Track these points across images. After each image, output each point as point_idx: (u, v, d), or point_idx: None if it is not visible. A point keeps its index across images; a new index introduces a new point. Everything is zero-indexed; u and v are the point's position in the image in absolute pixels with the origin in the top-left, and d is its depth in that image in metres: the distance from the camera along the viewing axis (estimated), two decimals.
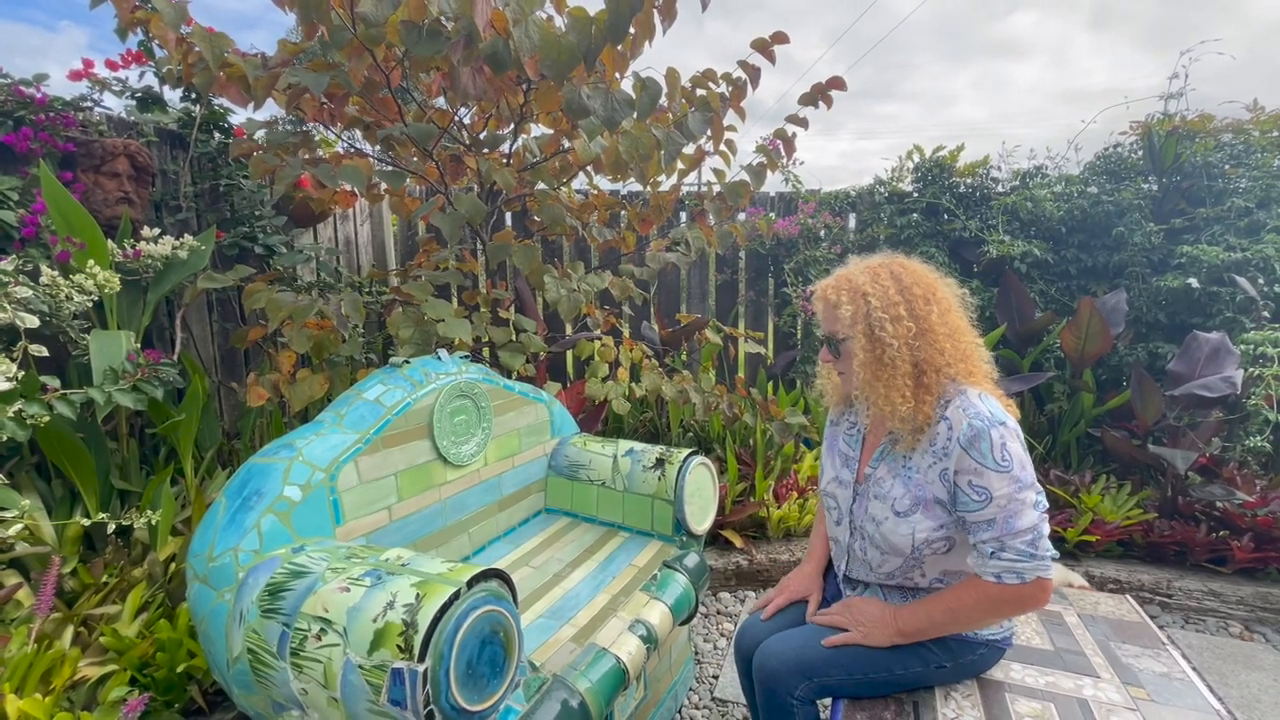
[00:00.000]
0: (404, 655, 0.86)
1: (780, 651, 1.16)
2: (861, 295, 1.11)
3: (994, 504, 1.01)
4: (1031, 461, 1.04)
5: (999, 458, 1.00)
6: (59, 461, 1.62)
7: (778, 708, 1.13)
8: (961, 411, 1.04)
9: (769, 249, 3.58)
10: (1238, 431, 2.54)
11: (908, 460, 1.11)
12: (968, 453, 1.02)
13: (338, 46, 1.53)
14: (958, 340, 1.10)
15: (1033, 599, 1.02)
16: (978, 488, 1.02)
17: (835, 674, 1.11)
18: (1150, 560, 2.39)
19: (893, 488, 1.12)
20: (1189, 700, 1.08)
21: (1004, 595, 1.02)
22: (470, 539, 1.59)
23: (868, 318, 1.10)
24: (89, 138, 1.91)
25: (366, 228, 3.35)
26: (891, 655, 1.11)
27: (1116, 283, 3.08)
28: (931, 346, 1.08)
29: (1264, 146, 3.02)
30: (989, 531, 1.02)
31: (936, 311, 1.10)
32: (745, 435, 2.98)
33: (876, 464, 1.17)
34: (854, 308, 1.12)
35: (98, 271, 1.55)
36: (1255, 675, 1.90)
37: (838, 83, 2.09)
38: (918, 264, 1.16)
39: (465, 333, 1.81)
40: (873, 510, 1.15)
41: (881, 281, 1.12)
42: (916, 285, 1.11)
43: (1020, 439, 1.04)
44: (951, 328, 1.11)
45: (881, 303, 1.10)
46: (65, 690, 1.24)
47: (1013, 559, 1.00)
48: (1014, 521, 1.00)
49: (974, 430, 1.02)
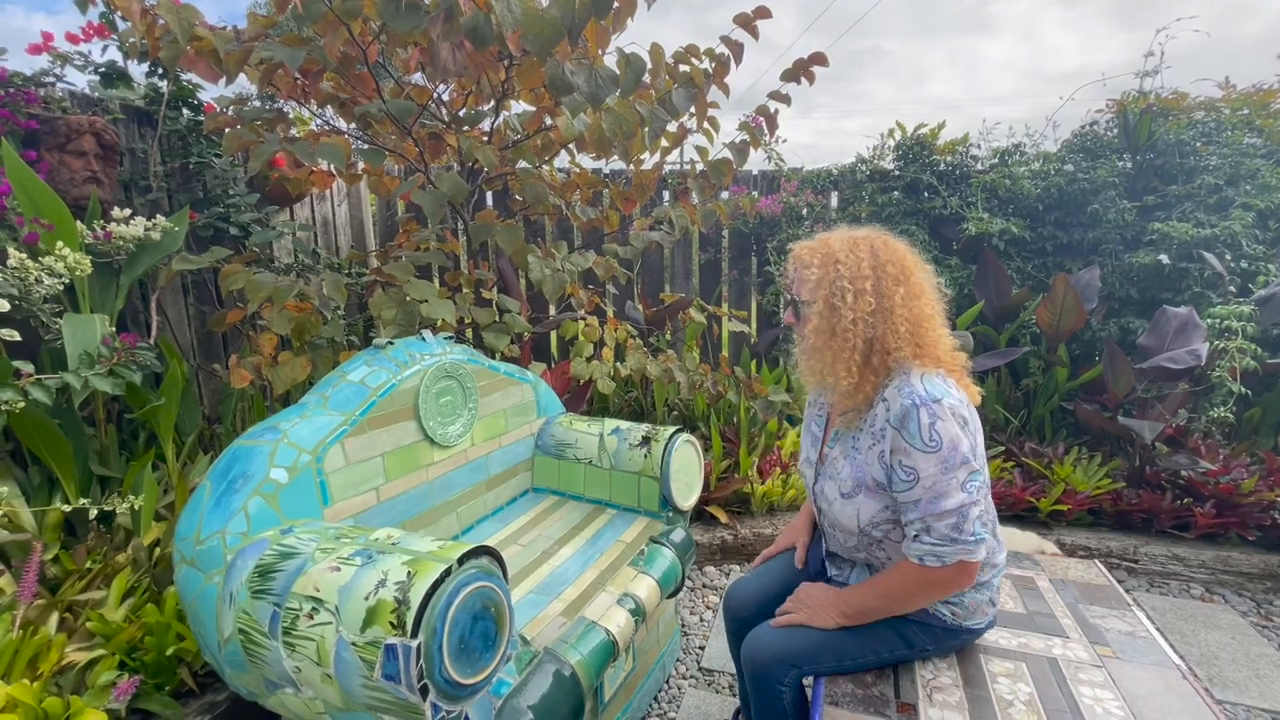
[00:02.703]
0: (397, 631, 0.87)
1: (770, 642, 1.16)
2: (833, 262, 1.10)
3: (920, 485, 1.01)
4: (972, 440, 1.02)
5: (926, 438, 0.99)
6: (35, 448, 1.59)
7: (767, 693, 1.15)
8: (897, 391, 1.04)
9: (752, 228, 3.59)
10: (1203, 403, 2.63)
11: (855, 441, 1.12)
12: (899, 433, 1.02)
13: (312, 20, 1.49)
14: (918, 326, 1.08)
15: (954, 582, 1.03)
16: (906, 468, 1.02)
17: (825, 661, 1.13)
18: (1119, 528, 2.48)
19: (842, 469, 1.13)
20: (1151, 657, 1.13)
21: (928, 577, 1.03)
22: (458, 519, 1.60)
23: (832, 284, 1.08)
24: (52, 115, 1.84)
25: (344, 208, 3.29)
26: (879, 641, 1.13)
27: (1091, 259, 3.14)
28: (887, 327, 1.06)
29: (1234, 124, 3.08)
30: (915, 512, 1.02)
31: (903, 293, 1.08)
32: (729, 413, 3.02)
33: (833, 444, 1.18)
34: (821, 273, 1.10)
35: (68, 254, 1.51)
36: (1214, 634, 1.99)
37: (820, 59, 2.09)
38: (902, 245, 1.14)
39: (449, 313, 1.80)
40: (826, 490, 1.17)
41: (858, 253, 1.10)
42: (891, 264, 1.09)
43: (957, 417, 1.01)
44: (915, 313, 1.08)
45: (850, 273, 1.08)
46: (53, 675, 1.24)
47: (934, 543, 1.01)
48: (938, 503, 1.00)
49: (903, 410, 1.01)
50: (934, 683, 1.08)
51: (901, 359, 1.06)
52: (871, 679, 1.11)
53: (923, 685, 1.08)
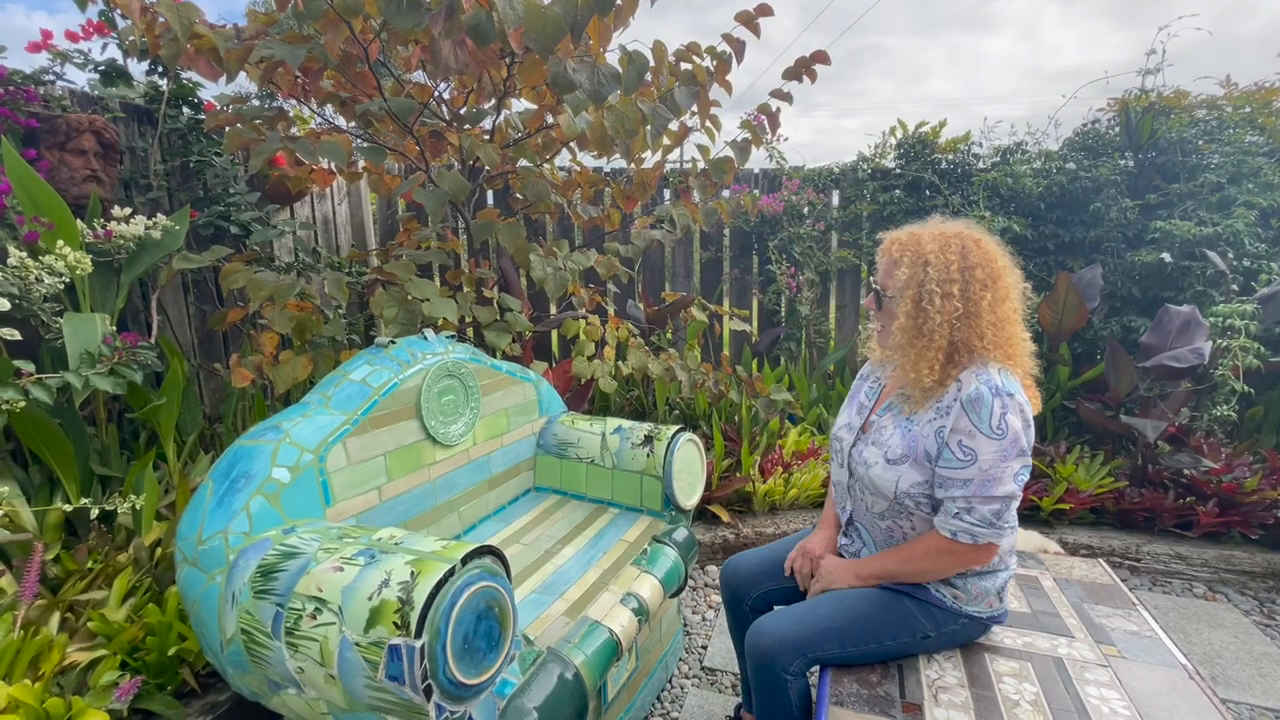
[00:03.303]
0: (401, 631, 0.87)
1: (774, 630, 1.17)
2: (923, 263, 1.11)
3: (976, 466, 1.04)
4: (1028, 439, 1.05)
5: (995, 424, 1.03)
6: (36, 448, 1.59)
7: (771, 681, 1.15)
8: (974, 376, 1.07)
9: (753, 226, 3.58)
10: (1205, 401, 2.63)
11: (913, 414, 1.15)
12: (966, 413, 1.05)
13: (313, 18, 1.48)
14: (1001, 330, 1.10)
15: (975, 559, 1.08)
16: (966, 448, 1.05)
17: (829, 648, 1.14)
18: (1121, 526, 2.48)
19: (890, 436, 1.16)
20: (1157, 656, 1.13)
21: (953, 550, 1.07)
22: (460, 518, 1.59)
23: (920, 286, 1.10)
24: (52, 113, 1.84)
25: (345, 206, 3.28)
26: (880, 627, 1.14)
27: (1093, 258, 3.14)
28: (972, 331, 1.09)
29: (1236, 122, 3.07)
30: (961, 490, 1.05)
31: (990, 298, 1.10)
32: (731, 412, 3.01)
33: (882, 414, 1.21)
34: (910, 273, 1.11)
35: (68, 252, 1.50)
36: (1218, 633, 1.99)
37: (822, 57, 2.08)
38: (993, 244, 1.15)
39: (450, 312, 1.80)
40: (867, 455, 1.19)
41: (948, 254, 1.11)
42: (980, 267, 1.11)
43: (1024, 415, 1.05)
44: (1000, 317, 1.10)
45: (938, 275, 1.09)
46: (54, 676, 1.23)
47: (974, 523, 1.05)
48: (989, 487, 1.03)
49: (978, 393, 1.04)
50: (939, 682, 1.08)
51: (985, 361, 1.09)
52: (877, 679, 1.11)
53: (928, 685, 1.07)
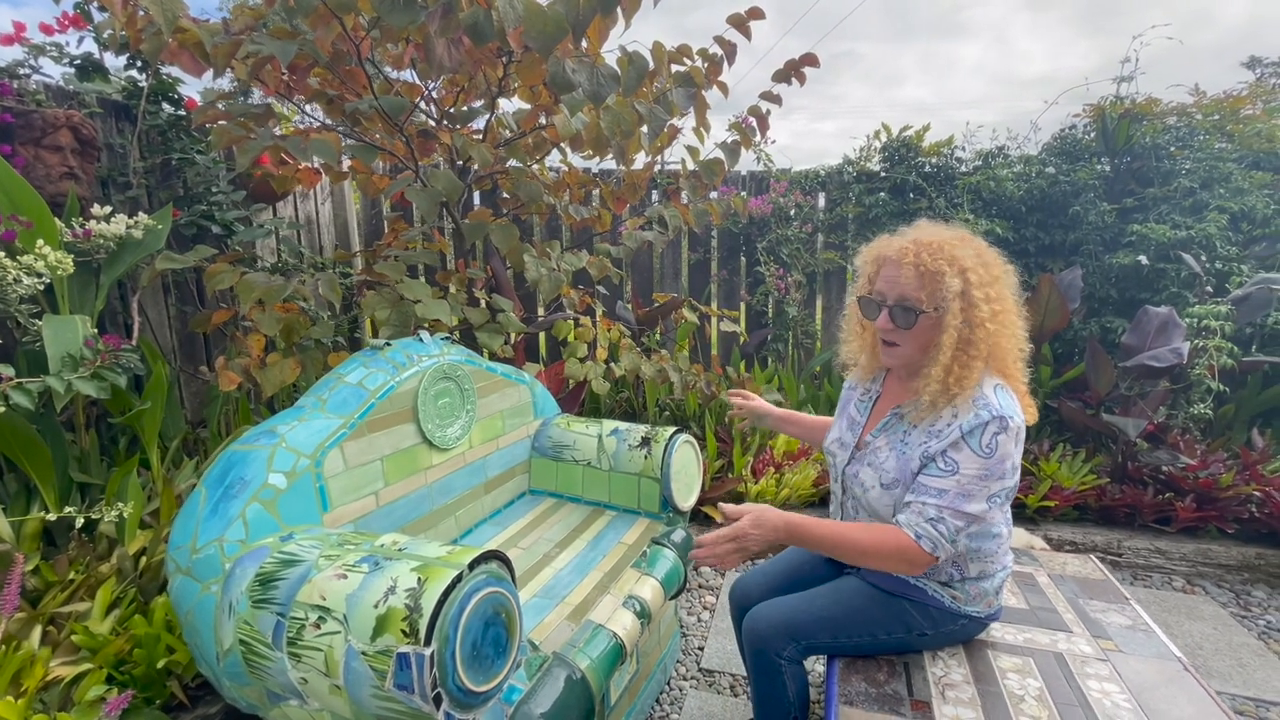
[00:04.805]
0: (409, 639, 0.85)
1: (769, 615, 1.20)
2: (961, 271, 1.04)
3: (955, 478, 1.03)
4: (1016, 458, 1.03)
5: (984, 444, 1.02)
6: (12, 455, 1.53)
7: (766, 666, 1.18)
8: (971, 403, 1.04)
9: (741, 228, 3.60)
10: (1182, 400, 2.70)
11: (906, 436, 1.13)
12: (964, 439, 1.03)
13: (304, 13, 1.45)
14: (1000, 343, 1.07)
15: (918, 566, 1.05)
16: (949, 459, 1.04)
17: (821, 636, 1.16)
18: (1103, 522, 2.53)
19: (886, 459, 1.14)
20: (1153, 649, 1.16)
21: (904, 552, 1.03)
22: (457, 522, 1.57)
23: (965, 295, 1.03)
24: (27, 108, 1.78)
25: (328, 207, 3.23)
26: (874, 621, 1.15)
27: (1072, 260, 3.20)
28: (1009, 335, 1.06)
29: (1206, 129, 3.17)
30: (935, 499, 1.03)
31: (1010, 298, 1.08)
32: (721, 413, 3.02)
33: (877, 434, 1.19)
34: (958, 282, 1.03)
35: (48, 252, 1.45)
36: (1197, 625, 2.04)
37: (811, 60, 2.10)
38: (994, 254, 1.11)
39: (444, 313, 1.77)
40: (863, 477, 1.18)
41: (984, 258, 1.07)
42: (995, 265, 1.08)
43: (1016, 438, 1.02)
44: (1007, 325, 1.08)
45: (979, 280, 1.04)
46: (38, 692, 1.19)
47: (941, 535, 1.02)
48: (963, 502, 1.02)
49: (977, 422, 1.02)
50: (945, 680, 1.09)
51: (1004, 368, 1.08)
52: (884, 677, 1.11)
53: (935, 683, 1.08)
